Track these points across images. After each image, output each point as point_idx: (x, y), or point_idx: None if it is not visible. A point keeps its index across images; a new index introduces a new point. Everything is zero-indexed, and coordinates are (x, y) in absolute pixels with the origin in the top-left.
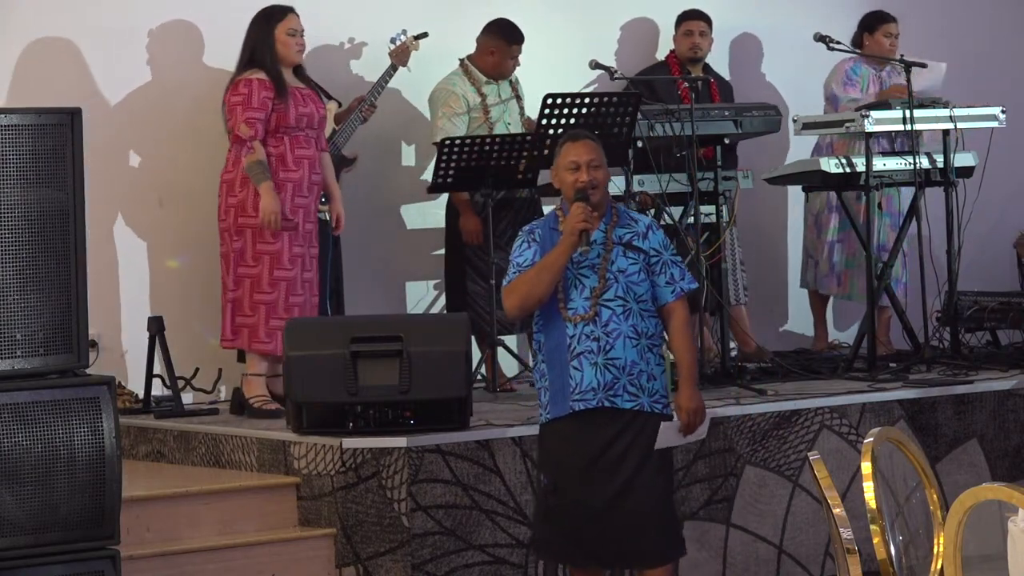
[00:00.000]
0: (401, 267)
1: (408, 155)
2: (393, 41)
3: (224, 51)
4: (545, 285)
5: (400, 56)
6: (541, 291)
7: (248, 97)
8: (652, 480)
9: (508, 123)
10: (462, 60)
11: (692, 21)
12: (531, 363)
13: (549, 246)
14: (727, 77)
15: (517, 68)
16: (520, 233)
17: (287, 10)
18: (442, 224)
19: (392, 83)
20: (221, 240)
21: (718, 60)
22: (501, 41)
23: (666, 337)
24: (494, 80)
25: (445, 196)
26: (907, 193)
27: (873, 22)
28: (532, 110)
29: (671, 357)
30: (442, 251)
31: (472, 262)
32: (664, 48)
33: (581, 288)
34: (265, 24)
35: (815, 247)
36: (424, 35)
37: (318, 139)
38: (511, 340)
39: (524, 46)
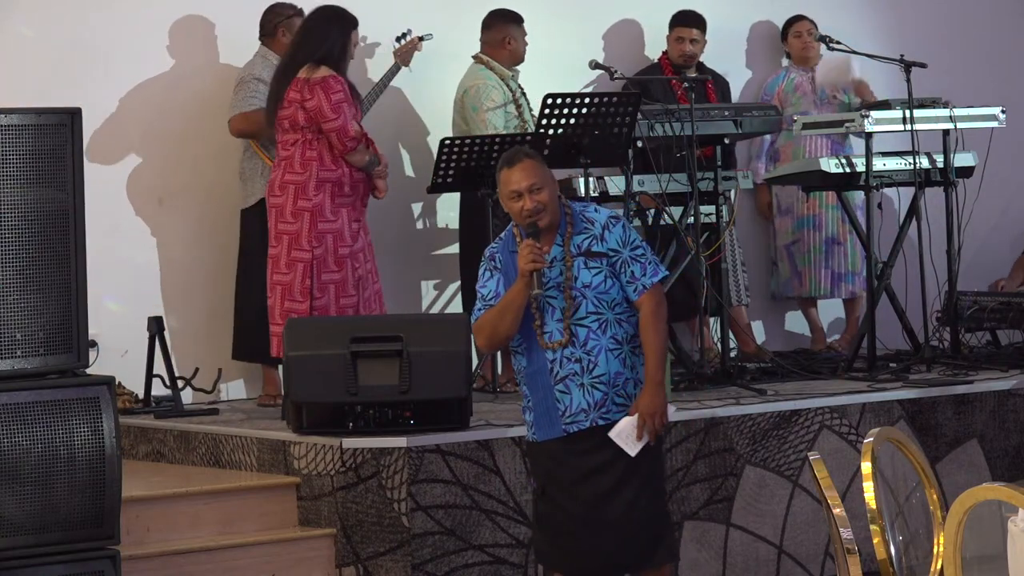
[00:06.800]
0: (402, 267)
1: (408, 154)
2: (398, 40)
3: (225, 50)
4: (508, 324)
5: (404, 55)
6: (505, 330)
7: (347, 95)
8: (640, 484)
9: (531, 118)
10: (479, 57)
11: (684, 28)
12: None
13: (511, 270)
14: (726, 76)
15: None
16: (482, 260)
17: (355, 19)
18: (443, 224)
19: (395, 83)
20: (275, 242)
21: (717, 59)
22: (511, 25)
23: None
24: (513, 72)
25: (456, 196)
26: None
27: (785, 27)
28: (533, 110)
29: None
30: (443, 251)
31: None
32: (652, 48)
33: (552, 311)
34: (344, 27)
35: (774, 253)
36: (429, 36)
37: None
38: None
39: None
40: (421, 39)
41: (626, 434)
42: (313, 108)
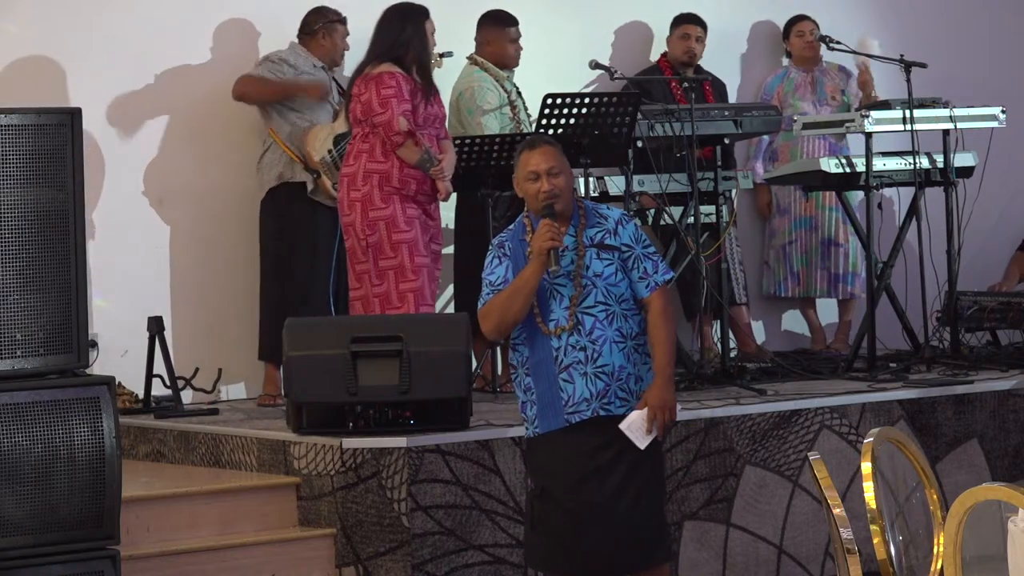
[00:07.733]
0: None
1: None
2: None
3: (227, 49)
4: (518, 307)
5: None
6: (515, 313)
7: (399, 90)
8: (642, 484)
9: (526, 119)
10: (474, 58)
11: (689, 26)
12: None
13: (521, 258)
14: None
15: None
16: (490, 247)
17: (426, 8)
18: (441, 224)
19: None
20: (346, 235)
21: (717, 58)
22: (494, 28)
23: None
24: (506, 75)
25: (453, 196)
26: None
27: (787, 27)
28: (532, 110)
29: None
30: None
31: None
32: (658, 50)
33: (560, 298)
34: (417, 20)
35: (767, 253)
36: (449, 54)
37: (438, 135)
38: None
39: (523, 48)
40: (442, 56)
41: (636, 427)
42: (365, 102)
